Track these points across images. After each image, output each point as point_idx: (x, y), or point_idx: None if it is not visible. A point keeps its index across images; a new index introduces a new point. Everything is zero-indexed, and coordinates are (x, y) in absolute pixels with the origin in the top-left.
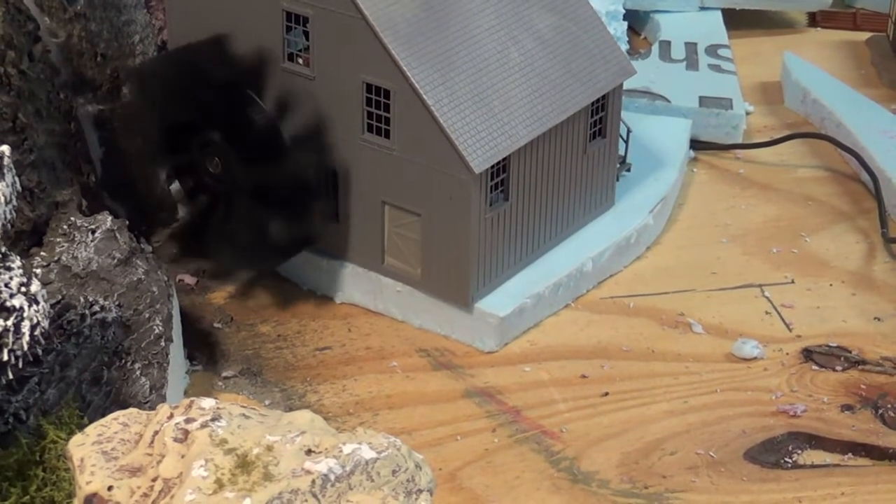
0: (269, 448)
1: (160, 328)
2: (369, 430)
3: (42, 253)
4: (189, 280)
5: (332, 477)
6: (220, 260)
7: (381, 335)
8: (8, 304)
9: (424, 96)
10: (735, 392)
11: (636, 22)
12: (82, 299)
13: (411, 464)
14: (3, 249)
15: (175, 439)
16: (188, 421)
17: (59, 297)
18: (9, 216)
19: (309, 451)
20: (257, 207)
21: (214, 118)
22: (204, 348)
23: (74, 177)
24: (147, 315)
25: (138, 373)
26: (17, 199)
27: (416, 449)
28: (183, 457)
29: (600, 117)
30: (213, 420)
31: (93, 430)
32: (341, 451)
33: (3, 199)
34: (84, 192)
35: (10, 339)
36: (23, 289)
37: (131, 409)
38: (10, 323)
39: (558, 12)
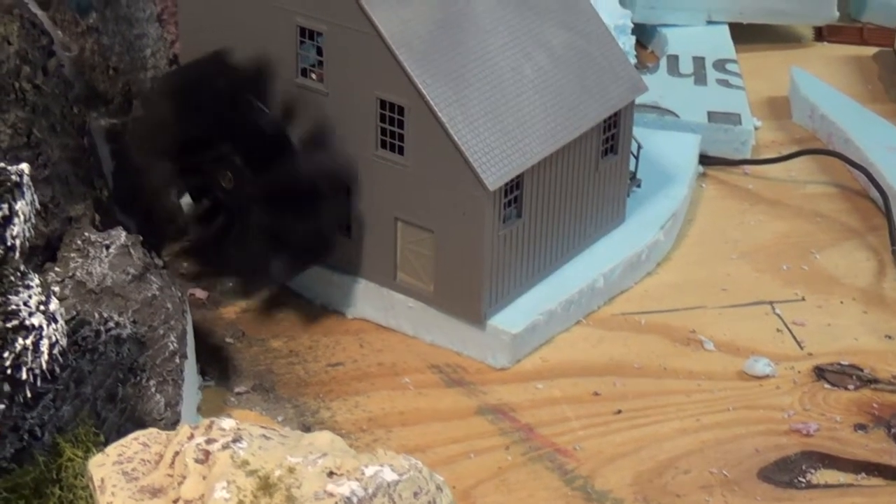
0: (291, 470)
1: (175, 345)
2: (389, 451)
3: (56, 268)
4: (200, 294)
5: (355, 500)
6: (235, 275)
7: (394, 351)
8: (27, 322)
9: (439, 113)
10: (748, 410)
11: (643, 36)
12: (97, 315)
13: (432, 486)
14: (22, 267)
15: (196, 460)
16: (209, 442)
17: (74, 312)
18: (27, 234)
19: (331, 474)
20: (270, 217)
21: (222, 131)
22: (216, 363)
23: (88, 191)
24: (162, 331)
25: (153, 390)
26: (34, 217)
27: (429, 467)
28: (204, 478)
29: (612, 134)
30: (234, 441)
31: (113, 450)
32: (363, 474)
33: (22, 217)
34: (97, 206)
35: (29, 358)
36: (41, 307)
37: (151, 429)
38: (29, 341)
39: (571, 29)
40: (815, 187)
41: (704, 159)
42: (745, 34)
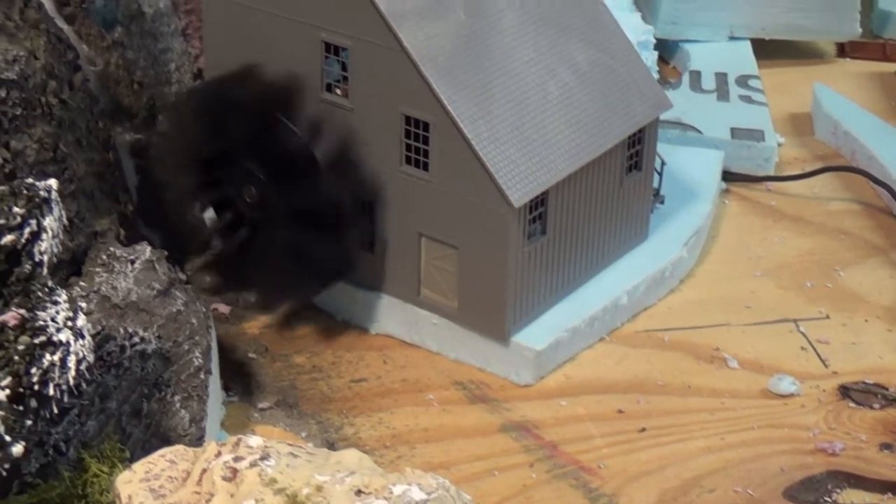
0: (319, 488)
1: (200, 360)
2: (417, 469)
3: (81, 283)
4: (223, 309)
5: None
6: (258, 291)
7: (417, 367)
8: (54, 338)
9: (464, 129)
10: (772, 429)
11: (666, 51)
12: (122, 330)
13: None
14: (50, 283)
15: (224, 478)
16: (237, 459)
17: (99, 328)
18: (55, 249)
19: (359, 492)
20: (293, 234)
21: (248, 147)
22: (239, 379)
23: (112, 206)
24: (186, 347)
25: (178, 405)
26: (62, 233)
27: (454, 484)
28: (232, 496)
29: (637, 150)
30: (261, 459)
31: (140, 466)
32: (391, 493)
33: (50, 232)
34: (122, 221)
35: (57, 374)
36: (69, 323)
37: (178, 446)
38: (56, 357)
39: (596, 45)
40: (839, 204)
41: (727, 176)
42: (768, 50)
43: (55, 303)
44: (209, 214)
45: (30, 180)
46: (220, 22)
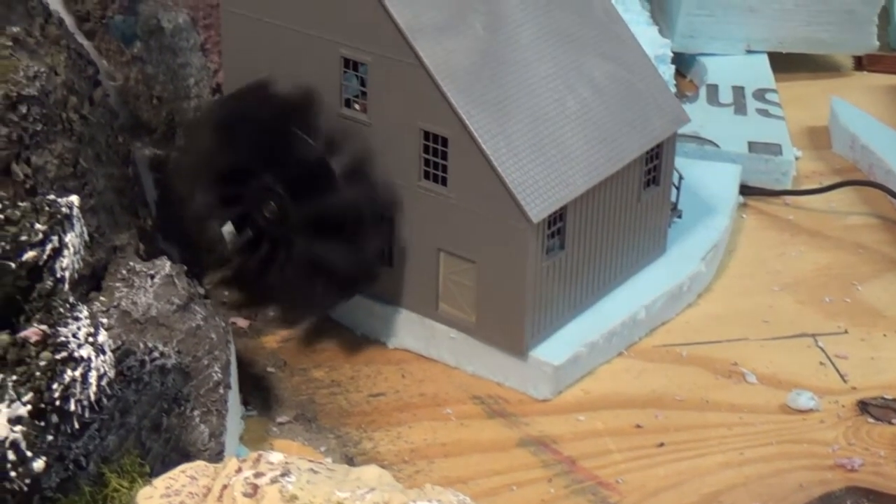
0: None
1: (219, 375)
2: (437, 486)
3: (101, 298)
4: (242, 323)
5: None
6: (277, 305)
7: (435, 382)
8: (76, 354)
9: (482, 144)
10: (791, 444)
11: (682, 65)
12: (142, 345)
13: None
14: (71, 299)
15: (245, 494)
16: (257, 475)
17: (119, 342)
18: (76, 265)
19: None
20: (312, 247)
21: (265, 161)
22: (258, 393)
23: (132, 220)
24: (206, 362)
25: (197, 420)
26: (84, 249)
27: (472, 499)
28: None
29: (654, 165)
30: (282, 475)
31: (161, 482)
32: None
33: (71, 248)
34: (141, 235)
35: (78, 390)
36: (90, 339)
37: (199, 462)
38: (77, 373)
39: (614, 60)
40: (857, 218)
41: (745, 189)
42: (785, 63)
43: (76, 319)
44: (228, 229)
45: (51, 197)
46: (238, 37)
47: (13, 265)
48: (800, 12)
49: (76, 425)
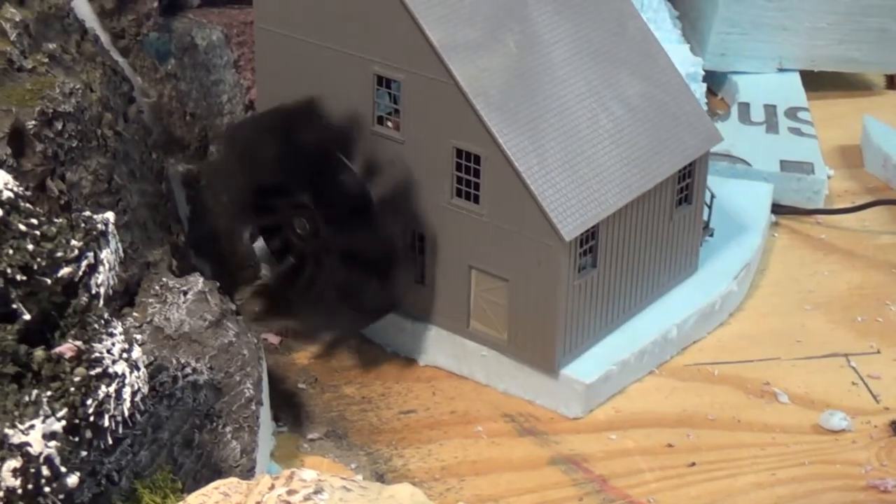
0: None
1: (251, 391)
2: None
3: (134, 314)
4: (273, 340)
5: None
6: (305, 320)
7: (466, 399)
8: (110, 370)
9: (515, 162)
10: (823, 465)
11: (714, 83)
12: (174, 361)
13: None
14: (106, 315)
15: None
16: (290, 493)
17: (152, 358)
18: (111, 282)
19: None
20: (343, 273)
21: (305, 182)
22: (289, 409)
23: (165, 237)
24: (238, 378)
25: (229, 436)
26: (118, 265)
27: None
28: None
29: (687, 184)
30: (315, 493)
31: (194, 499)
32: None
33: (107, 265)
34: (174, 251)
35: (112, 405)
36: (124, 355)
37: (232, 479)
38: (111, 389)
39: (647, 79)
40: (889, 238)
41: (777, 208)
42: (817, 82)
43: (111, 335)
44: (260, 245)
45: (87, 213)
46: (272, 54)
47: (49, 281)
48: (832, 31)
49: (109, 441)
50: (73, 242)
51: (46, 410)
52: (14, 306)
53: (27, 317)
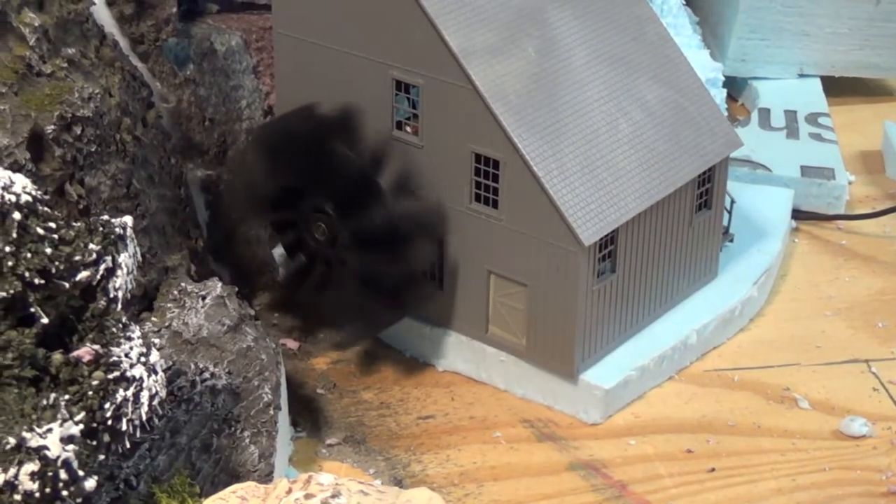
0: None
1: (269, 396)
2: None
3: (153, 318)
4: (292, 345)
5: None
6: (327, 327)
7: (485, 405)
8: (128, 374)
9: (534, 167)
10: (844, 471)
11: (734, 89)
12: (192, 366)
13: None
14: (124, 319)
15: None
16: (308, 497)
17: (170, 363)
18: (129, 286)
19: None
20: (361, 261)
21: (332, 193)
22: (307, 414)
23: (184, 241)
24: (256, 383)
25: (247, 441)
26: (136, 270)
27: None
28: None
29: (706, 189)
30: (332, 497)
31: (211, 503)
32: None
33: (125, 269)
34: (192, 256)
35: (129, 409)
36: (142, 359)
37: (249, 483)
38: (129, 393)
39: (666, 83)
40: None
41: (797, 214)
42: (838, 87)
43: (129, 339)
44: (279, 251)
45: (105, 217)
46: (291, 60)
47: (67, 285)
48: (853, 36)
49: (127, 445)
50: (92, 246)
51: (64, 414)
52: (32, 310)
53: (45, 320)
